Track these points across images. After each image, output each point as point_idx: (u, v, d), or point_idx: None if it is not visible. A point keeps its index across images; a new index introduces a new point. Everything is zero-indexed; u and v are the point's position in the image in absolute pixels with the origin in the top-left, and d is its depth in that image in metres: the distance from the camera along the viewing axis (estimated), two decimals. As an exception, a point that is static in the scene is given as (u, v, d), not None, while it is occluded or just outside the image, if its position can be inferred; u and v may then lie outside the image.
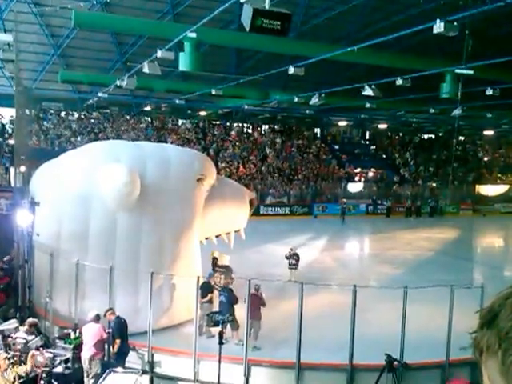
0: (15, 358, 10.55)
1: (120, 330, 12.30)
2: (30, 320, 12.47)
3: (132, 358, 13.02)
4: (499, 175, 50.80)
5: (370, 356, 12.12)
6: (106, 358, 12.20)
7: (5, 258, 16.44)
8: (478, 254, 28.03)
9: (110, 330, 12.15)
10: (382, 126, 52.18)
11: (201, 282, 13.54)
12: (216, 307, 13.81)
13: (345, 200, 38.48)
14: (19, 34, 24.40)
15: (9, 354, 10.65)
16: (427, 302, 14.24)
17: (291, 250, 19.33)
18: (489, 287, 12.81)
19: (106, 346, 12.33)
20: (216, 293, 14.60)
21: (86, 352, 11.90)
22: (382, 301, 15.14)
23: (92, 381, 11.56)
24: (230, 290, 14.15)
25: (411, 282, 13.76)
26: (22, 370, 10.05)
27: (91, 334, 11.98)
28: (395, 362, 11.59)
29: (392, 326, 12.54)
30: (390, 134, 55.39)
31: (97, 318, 12.17)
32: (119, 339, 12.15)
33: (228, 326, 13.01)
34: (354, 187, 43.53)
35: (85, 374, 11.70)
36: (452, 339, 12.20)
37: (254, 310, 13.15)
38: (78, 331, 12.79)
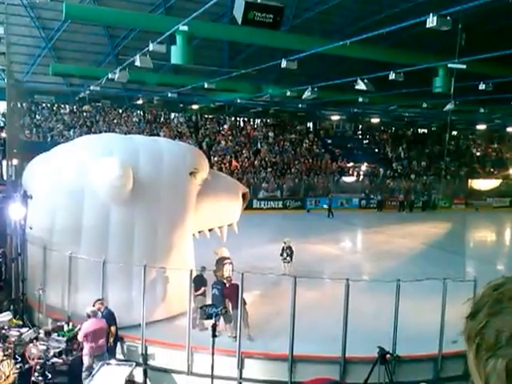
0: (9, 351, 10.54)
1: (114, 318, 12.38)
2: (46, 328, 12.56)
3: (126, 351, 13.07)
4: (492, 170, 51.02)
5: (363, 349, 12.17)
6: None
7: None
8: (470, 248, 28.15)
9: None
10: (375, 121, 52.28)
11: (194, 275, 13.56)
12: (209, 300, 13.84)
13: (330, 195, 38.50)
14: (10, 27, 24.24)
15: (4, 346, 10.65)
16: (420, 295, 14.30)
17: (285, 242, 19.36)
18: (481, 281, 12.86)
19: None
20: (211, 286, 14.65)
21: (99, 347, 11.81)
22: (374, 294, 15.19)
23: (85, 374, 11.55)
24: (223, 283, 14.18)
25: (404, 275, 13.79)
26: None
27: (102, 329, 11.94)
28: (388, 355, 11.64)
29: (385, 318, 12.61)
30: (382, 128, 55.49)
31: (96, 314, 12.16)
32: (114, 327, 12.24)
33: (221, 319, 13.05)
34: (349, 177, 43.89)
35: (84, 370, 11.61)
36: (444, 332, 12.29)
37: (237, 300, 13.08)
38: (71, 324, 12.81)
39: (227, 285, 13.97)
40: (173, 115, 47.34)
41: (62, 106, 42.75)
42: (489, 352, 1.11)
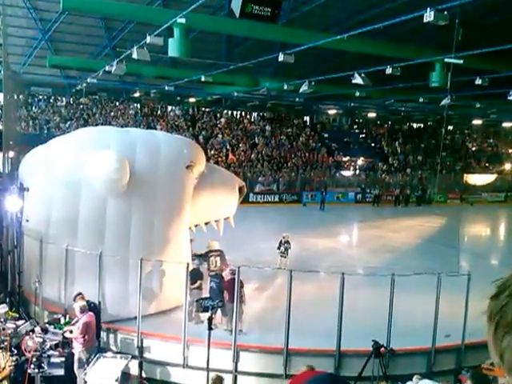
0: (5, 343, 10.57)
1: (96, 311, 12.47)
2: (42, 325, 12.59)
3: (121, 343, 13.12)
4: (487, 164, 51.14)
5: (358, 342, 12.25)
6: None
7: None
8: (464, 243, 28.18)
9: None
10: (372, 115, 52.31)
11: (190, 268, 13.60)
12: (205, 293, 13.90)
13: (323, 189, 38.82)
14: (6, 18, 24.15)
15: (0, 338, 10.68)
16: (414, 289, 14.38)
17: (283, 237, 19.38)
18: (475, 275, 12.98)
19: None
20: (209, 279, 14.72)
21: (93, 340, 11.93)
22: (369, 288, 15.28)
23: (77, 365, 11.61)
24: (221, 276, 14.22)
25: (398, 269, 13.87)
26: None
27: (94, 322, 12.04)
28: (382, 348, 11.72)
29: (379, 312, 12.68)
30: (379, 122, 55.52)
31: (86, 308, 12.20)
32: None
33: (219, 312, 13.16)
34: (347, 171, 44.10)
35: (77, 365, 11.66)
36: (438, 326, 12.38)
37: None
38: (67, 316, 12.85)
39: (226, 278, 13.99)
40: (170, 108, 47.30)
41: (59, 98, 42.67)
42: (505, 329, 1.19)
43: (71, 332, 11.69)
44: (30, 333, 11.28)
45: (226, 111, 48.88)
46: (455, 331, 12.58)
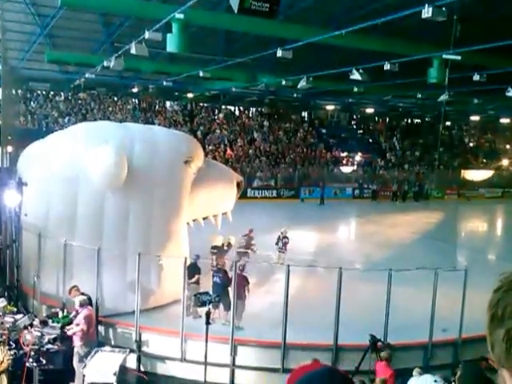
0: (4, 337, 10.61)
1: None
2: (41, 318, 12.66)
3: (120, 337, 13.17)
4: (484, 160, 51.18)
5: (355, 336, 12.31)
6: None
7: None
8: (462, 238, 28.35)
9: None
10: (370, 111, 52.28)
11: (188, 262, 13.64)
12: (202, 288, 13.94)
13: (321, 184, 38.93)
14: (4, 13, 24.10)
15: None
16: (411, 284, 14.43)
17: (282, 233, 19.41)
18: (472, 270, 13.05)
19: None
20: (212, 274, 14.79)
21: (93, 334, 12.02)
22: (367, 283, 15.32)
23: (77, 359, 11.66)
24: (224, 271, 14.25)
25: (396, 264, 13.91)
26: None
27: (93, 318, 12.11)
28: (379, 343, 11.77)
29: (376, 307, 12.74)
30: (377, 118, 55.50)
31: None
32: None
33: (221, 306, 13.24)
34: (346, 168, 44.08)
35: (76, 359, 11.72)
36: (435, 320, 12.45)
37: (239, 291, 13.26)
38: (65, 310, 12.89)
39: (231, 274, 13.99)
40: (168, 103, 47.25)
41: (57, 93, 42.61)
42: (497, 323, 1.26)
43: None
44: (29, 327, 11.32)
45: (224, 106, 48.80)
46: (452, 326, 12.65)
